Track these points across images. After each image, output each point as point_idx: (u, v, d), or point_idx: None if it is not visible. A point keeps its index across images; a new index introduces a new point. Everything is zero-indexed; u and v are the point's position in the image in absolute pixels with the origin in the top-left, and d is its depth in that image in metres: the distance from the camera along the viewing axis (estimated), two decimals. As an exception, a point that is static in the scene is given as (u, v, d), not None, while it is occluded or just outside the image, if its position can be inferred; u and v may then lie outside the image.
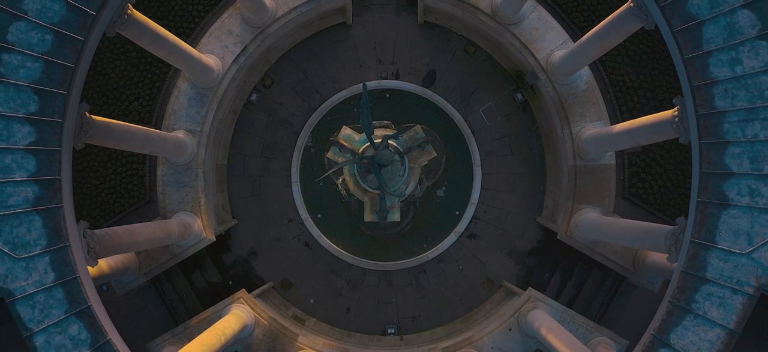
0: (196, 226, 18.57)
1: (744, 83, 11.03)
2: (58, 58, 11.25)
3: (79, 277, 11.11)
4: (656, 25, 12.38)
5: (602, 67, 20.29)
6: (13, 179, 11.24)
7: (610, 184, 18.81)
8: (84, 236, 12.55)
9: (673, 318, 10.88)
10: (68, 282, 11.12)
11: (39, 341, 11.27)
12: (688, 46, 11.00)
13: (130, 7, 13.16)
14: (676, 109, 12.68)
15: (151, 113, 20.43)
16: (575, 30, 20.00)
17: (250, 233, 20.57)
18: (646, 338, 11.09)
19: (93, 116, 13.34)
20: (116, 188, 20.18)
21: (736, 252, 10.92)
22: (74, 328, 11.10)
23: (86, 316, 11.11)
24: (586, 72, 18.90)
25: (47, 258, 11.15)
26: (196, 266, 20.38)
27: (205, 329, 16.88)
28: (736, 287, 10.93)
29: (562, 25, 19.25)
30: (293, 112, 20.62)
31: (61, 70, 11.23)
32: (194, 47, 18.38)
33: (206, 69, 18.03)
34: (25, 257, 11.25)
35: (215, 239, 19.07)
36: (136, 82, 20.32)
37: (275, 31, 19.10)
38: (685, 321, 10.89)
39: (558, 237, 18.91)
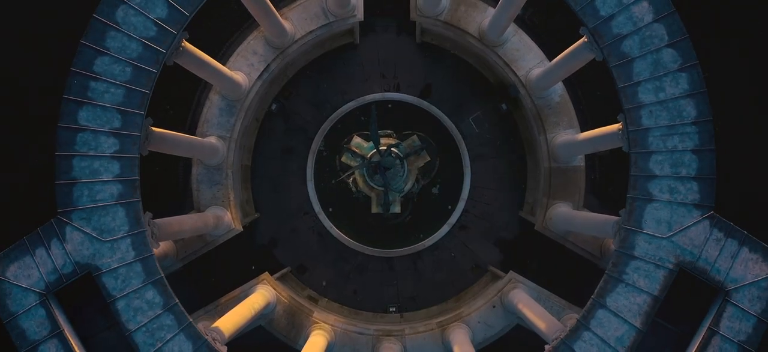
0: (226, 218, 22.06)
1: (666, 106, 14.54)
2: (136, 86, 14.74)
3: (154, 254, 14.59)
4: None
5: (576, 82, 23.66)
6: (100, 180, 14.74)
7: (580, 183, 22.31)
8: (149, 225, 16.02)
9: (609, 286, 14.39)
10: (145, 259, 14.63)
11: (120, 305, 14.80)
12: (622, 77, 14.48)
13: (184, 41, 16.60)
14: (620, 124, 16.15)
15: (184, 121, 23.80)
16: (553, 53, 23.40)
17: (271, 224, 24.05)
18: (588, 303, 14.58)
19: (152, 128, 16.81)
20: (155, 186, 23.53)
21: (658, 236, 14.43)
22: (150, 294, 14.61)
23: (160, 284, 14.63)
24: (559, 86, 22.36)
25: (129, 240, 14.66)
26: (225, 252, 23.80)
27: (234, 306, 20.39)
28: (658, 263, 14.44)
29: (539, 47, 22.67)
30: (308, 120, 24.06)
31: (139, 95, 14.73)
32: (224, 65, 21.82)
33: (236, 85, 21.49)
34: (110, 240, 14.76)
35: (242, 229, 22.53)
36: (172, 94, 23.65)
37: (293, 51, 22.53)
38: (618, 289, 14.40)
39: (535, 228, 22.40)
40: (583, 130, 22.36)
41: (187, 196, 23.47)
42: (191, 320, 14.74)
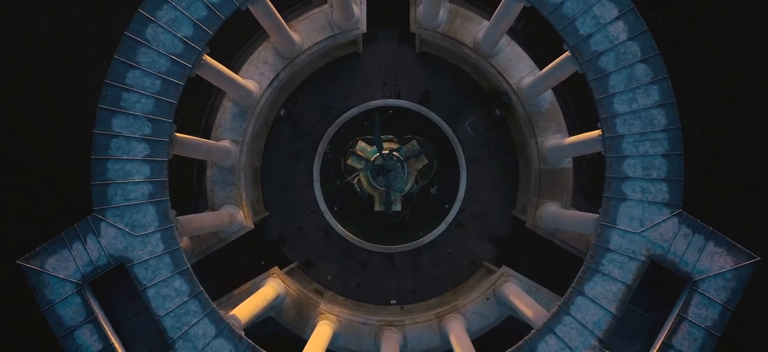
0: (239, 216, 23.94)
1: (638, 115, 16.44)
2: (165, 97, 16.63)
3: (181, 247, 16.48)
4: (585, 71, 17.73)
5: (566, 89, 25.56)
6: (133, 181, 16.63)
7: (568, 184, 24.21)
8: (173, 221, 17.88)
9: (587, 276, 16.28)
10: (173, 251, 16.52)
11: (151, 293, 16.68)
12: (599, 89, 16.38)
13: (205, 55, 18.46)
14: (600, 130, 18.04)
15: (198, 125, 25.69)
16: (543, 61, 25.32)
17: (279, 222, 25.96)
18: (568, 291, 16.46)
19: (175, 133, 18.66)
20: (171, 187, 25.40)
21: (631, 231, 16.33)
22: (177, 283, 16.50)
23: (186, 274, 16.52)
24: (549, 94, 24.25)
25: (158, 235, 16.54)
26: (237, 248, 25.69)
27: (245, 298, 22.24)
28: (631, 255, 16.34)
29: (531, 57, 24.56)
30: (314, 125, 25.96)
31: (168, 105, 16.62)
32: (236, 73, 23.69)
33: (248, 92, 23.36)
34: (141, 235, 16.64)
35: (253, 227, 24.42)
36: (186, 100, 25.48)
37: (301, 60, 24.41)
38: (595, 278, 16.29)
39: (526, 226, 24.30)
40: (571, 135, 24.27)
41: (201, 196, 25.34)
42: (214, 305, 16.62)
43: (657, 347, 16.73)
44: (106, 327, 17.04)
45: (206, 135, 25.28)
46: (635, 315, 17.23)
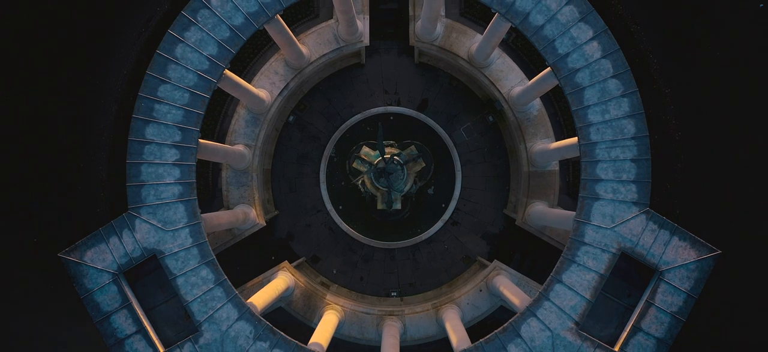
0: (251, 214, 26.44)
1: (610, 124, 18.93)
2: (193, 108, 19.11)
3: (207, 241, 18.97)
4: (564, 84, 20.23)
5: (554, 98, 28.11)
6: (164, 182, 19.10)
7: (555, 185, 26.72)
8: (200, 217, 20.36)
9: (564, 266, 18.78)
10: (201, 244, 19.00)
11: (180, 281, 19.15)
12: (575, 102, 18.88)
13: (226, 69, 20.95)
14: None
15: (213, 131, 28.22)
16: (532, 71, 27.87)
17: (288, 220, 28.45)
18: (548, 279, 18.95)
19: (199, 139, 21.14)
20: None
21: (604, 227, 18.83)
22: (204, 272, 18.98)
23: (212, 264, 19.00)
24: (538, 102, 26.76)
25: (187, 230, 19.03)
26: (249, 245, 28.22)
27: (258, 290, 24.72)
28: (604, 248, 18.84)
29: (521, 67, 27.08)
30: (320, 130, 28.46)
31: (195, 116, 19.10)
32: (249, 82, 26.18)
33: (261, 101, 25.86)
34: (171, 230, 19.13)
35: (265, 224, 26.91)
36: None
37: (309, 71, 26.90)
38: (571, 268, 18.79)
39: (516, 223, 26.80)
40: (559, 140, 26.80)
41: (215, 196, 27.89)
42: (237, 292, 19.09)
43: (627, 329, 19.21)
44: (139, 312, 19.49)
45: (220, 139, 27.80)
46: (608, 301, 19.72)
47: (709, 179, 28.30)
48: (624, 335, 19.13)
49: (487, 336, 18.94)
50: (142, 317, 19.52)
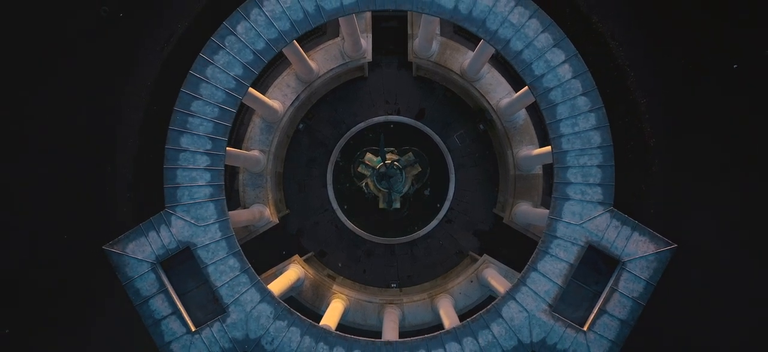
0: (266, 213, 30.02)
1: (579, 135, 22.52)
2: (221, 121, 22.69)
3: (234, 235, 22.54)
4: (541, 100, 23.79)
5: (537, 108, 31.58)
6: (197, 184, 22.69)
7: (538, 187, 30.30)
8: (228, 215, 23.92)
9: (538, 256, 22.36)
10: (228, 237, 22.58)
11: (210, 269, 22.73)
12: (549, 116, 22.46)
13: (248, 86, 24.53)
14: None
15: (230, 137, 31.70)
16: (519, 84, 31.43)
17: (298, 218, 32.02)
18: (525, 268, 22.52)
19: (224, 147, 24.71)
20: (208, 188, 31.50)
21: (573, 223, 22.42)
22: (231, 261, 22.56)
23: (238, 255, 22.57)
24: (523, 112, 30.35)
25: (217, 226, 22.60)
26: (263, 240, 31.79)
27: (271, 281, 28.26)
28: (573, 241, 22.42)
29: (509, 81, 30.65)
30: (327, 137, 32.03)
31: (223, 127, 22.68)
32: (263, 94, 29.74)
33: (274, 111, 29.45)
34: (203, 225, 22.70)
35: (278, 222, 30.48)
36: (221, 116, 31.62)
37: (317, 84, 30.48)
38: (545, 258, 22.37)
39: (504, 221, 30.38)
40: (542, 147, 30.37)
41: (231, 196, 31.42)
42: (259, 278, 22.65)
43: (595, 311, 22.79)
44: (173, 296, 23.04)
45: (237, 145, 31.38)
46: (578, 288, 23.30)
47: (681, 181, 31.91)
48: (592, 316, 22.70)
49: (473, 316, 22.48)
50: (176, 300, 23.05)
